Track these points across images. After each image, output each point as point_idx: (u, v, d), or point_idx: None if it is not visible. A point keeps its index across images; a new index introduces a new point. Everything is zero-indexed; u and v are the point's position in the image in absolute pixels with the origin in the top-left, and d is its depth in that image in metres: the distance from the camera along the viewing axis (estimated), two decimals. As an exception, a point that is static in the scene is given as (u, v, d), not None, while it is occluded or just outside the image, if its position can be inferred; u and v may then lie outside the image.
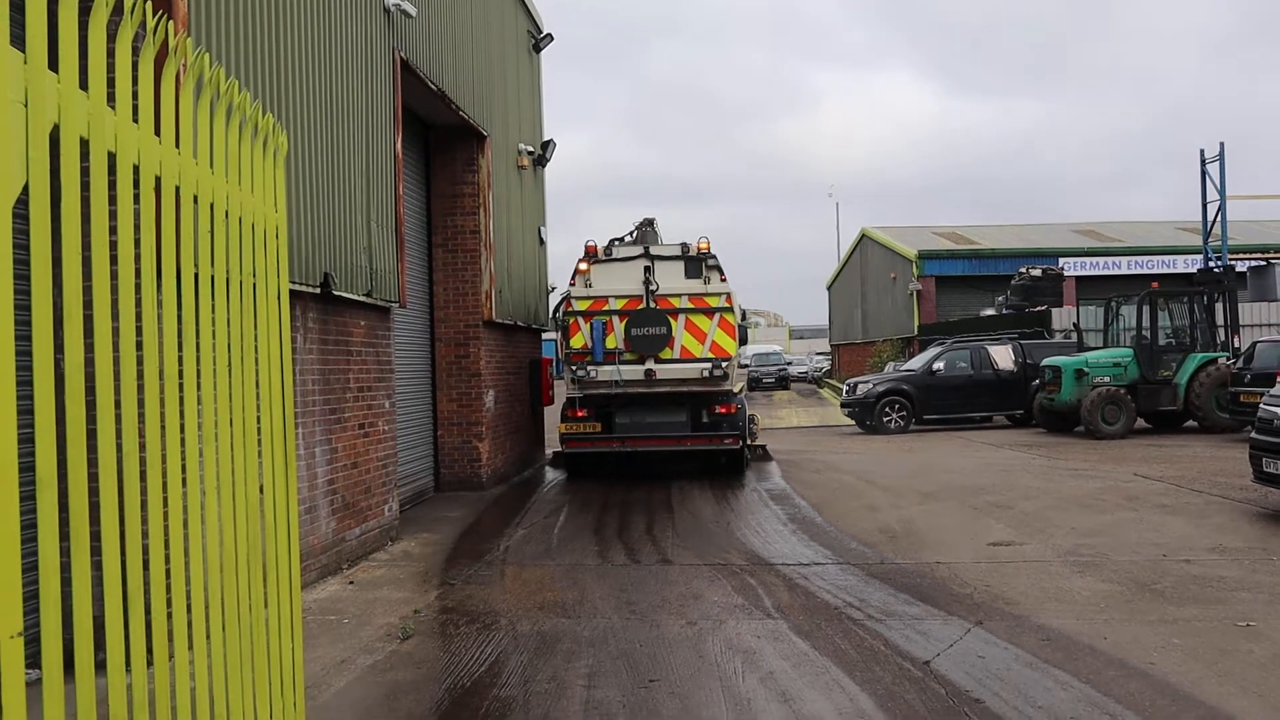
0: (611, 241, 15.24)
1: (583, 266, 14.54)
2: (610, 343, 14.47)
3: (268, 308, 4.17)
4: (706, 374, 14.36)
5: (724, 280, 14.60)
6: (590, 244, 14.87)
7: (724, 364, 14.37)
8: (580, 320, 14.42)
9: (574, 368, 14.41)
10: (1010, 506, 11.01)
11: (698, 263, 14.53)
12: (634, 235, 15.95)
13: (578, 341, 14.44)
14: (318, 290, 8.13)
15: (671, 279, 14.54)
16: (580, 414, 14.62)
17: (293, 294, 7.77)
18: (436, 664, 5.91)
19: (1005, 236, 46.53)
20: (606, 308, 14.47)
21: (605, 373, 14.41)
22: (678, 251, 14.57)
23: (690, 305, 14.45)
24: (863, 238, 51.19)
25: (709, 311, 14.46)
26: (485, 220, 13.82)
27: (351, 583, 8.09)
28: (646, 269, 14.55)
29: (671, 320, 14.38)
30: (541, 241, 17.47)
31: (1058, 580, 7.53)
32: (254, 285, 4.06)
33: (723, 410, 14.76)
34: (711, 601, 7.19)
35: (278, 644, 4.09)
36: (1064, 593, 7.15)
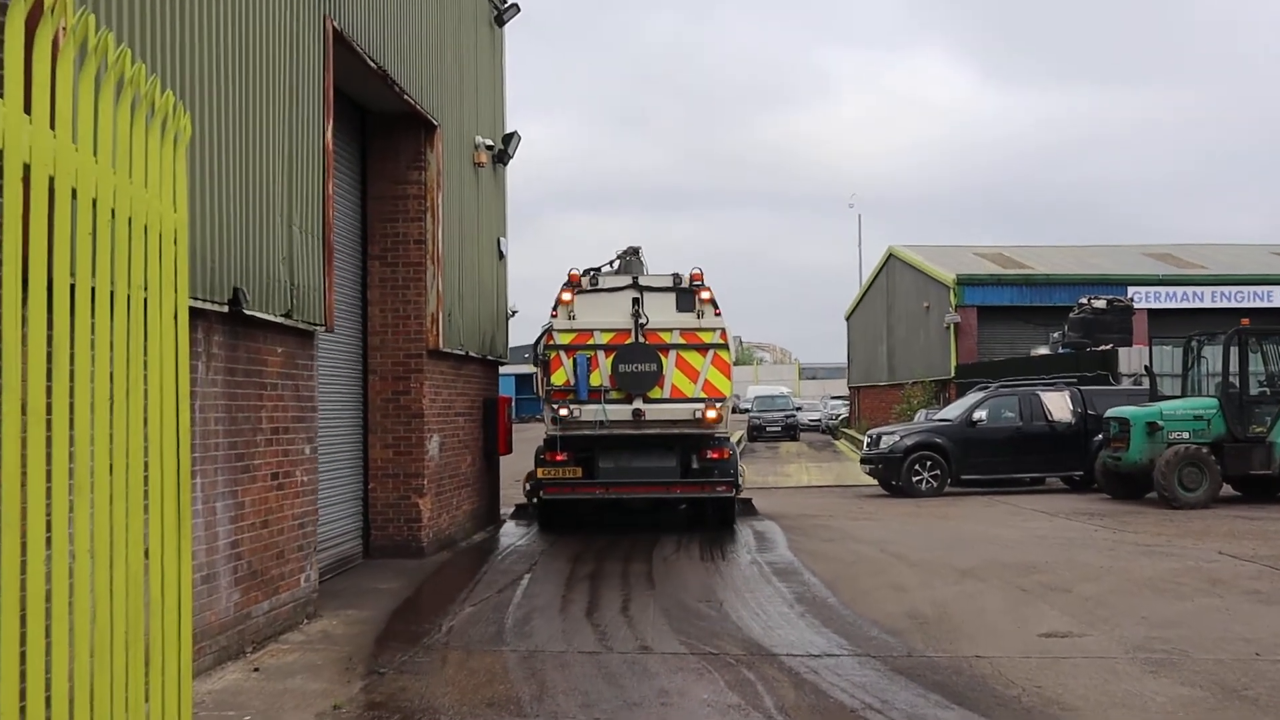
0: (588, 271, 16.18)
1: (565, 297, 15.60)
2: (595, 380, 15.54)
3: (161, 328, 4.13)
4: (699, 415, 15.46)
5: (719, 314, 15.74)
6: (574, 272, 15.94)
7: (718, 405, 15.47)
8: (562, 355, 15.50)
9: (555, 406, 15.50)
10: (1067, 589, 10.99)
11: (690, 295, 15.71)
12: (617, 265, 16.95)
13: (559, 378, 15.51)
14: (225, 308, 8.08)
15: (662, 312, 15.69)
16: (559, 457, 15.61)
17: (194, 312, 7.71)
18: (359, 773, 5.80)
19: (1062, 259, 46.90)
20: (591, 342, 15.58)
21: (589, 412, 15.49)
22: (669, 282, 15.73)
23: (682, 341, 15.61)
24: (890, 258, 51.50)
25: (702, 348, 15.61)
26: (433, 228, 13.82)
27: (257, 670, 7.97)
28: (635, 300, 15.69)
29: (662, 356, 15.53)
30: (501, 255, 17.49)
31: (1125, 682, 7.48)
32: (145, 300, 4.02)
33: (714, 455, 15.87)
34: (700, 700, 7.11)
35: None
36: (1133, 697, 7.10)
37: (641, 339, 15.68)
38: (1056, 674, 7.66)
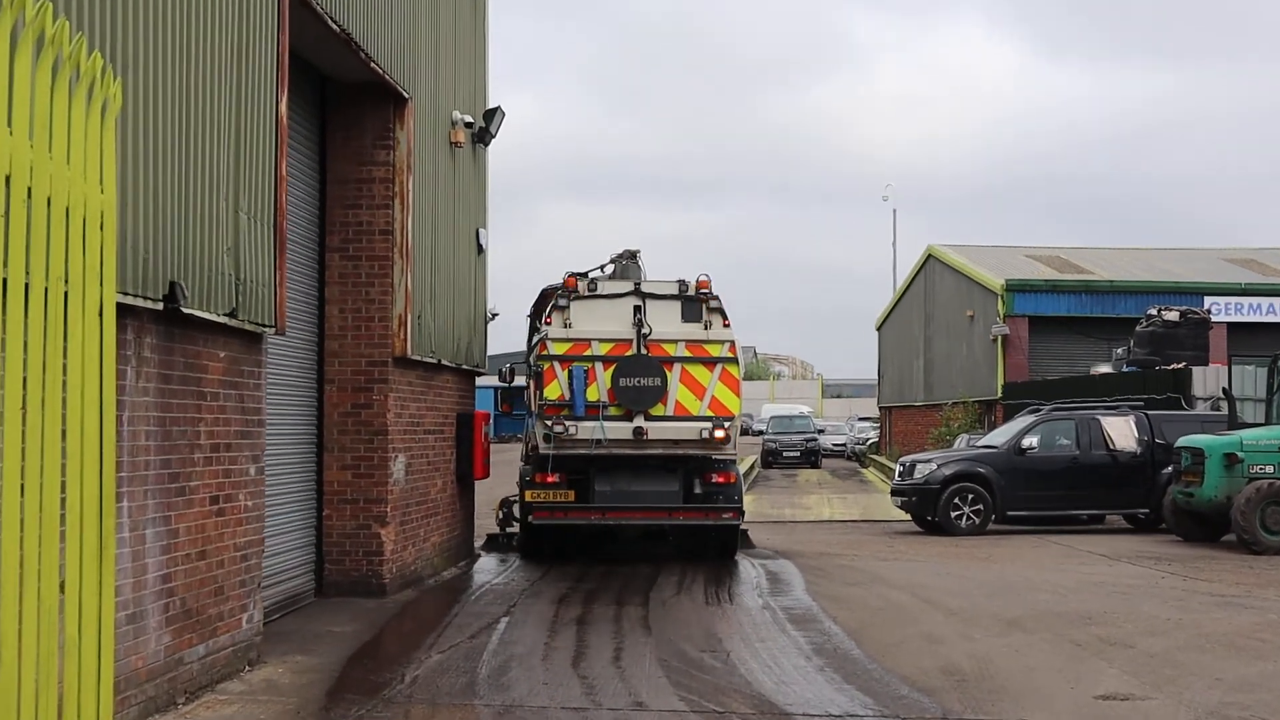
0: (573, 276, 16.76)
1: (561, 303, 16.25)
2: (592, 394, 16.10)
3: (84, 327, 4.12)
4: (706, 435, 16.08)
5: (727, 325, 16.41)
6: (570, 276, 16.62)
7: (726, 424, 16.13)
8: (557, 366, 16.10)
9: (548, 422, 16.05)
10: (1129, 644, 10.97)
11: (697, 304, 16.36)
12: (612, 269, 17.54)
13: (553, 391, 16.09)
14: (160, 306, 8.07)
15: (666, 322, 16.31)
16: (551, 479, 16.21)
17: (123, 309, 7.69)
18: (305, 846, 5.79)
19: (1128, 264, 46.97)
20: (589, 352, 16.19)
21: (586, 429, 16.04)
22: (674, 289, 16.41)
23: (688, 353, 16.23)
24: (928, 260, 51.57)
25: (709, 362, 16.24)
26: (402, 216, 13.83)
27: (189, 724, 7.94)
28: (637, 309, 16.29)
29: (666, 370, 16.14)
30: (481, 249, 17.51)
31: (1193, 751, 7.46)
32: (65, 294, 4.01)
33: (719, 479, 16.54)
34: (702, 767, 7.07)
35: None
36: (1201, 769, 7.08)
37: (644, 350, 16.18)
38: (1115, 742, 7.64)
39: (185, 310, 8.37)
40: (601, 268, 17.57)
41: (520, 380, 19.41)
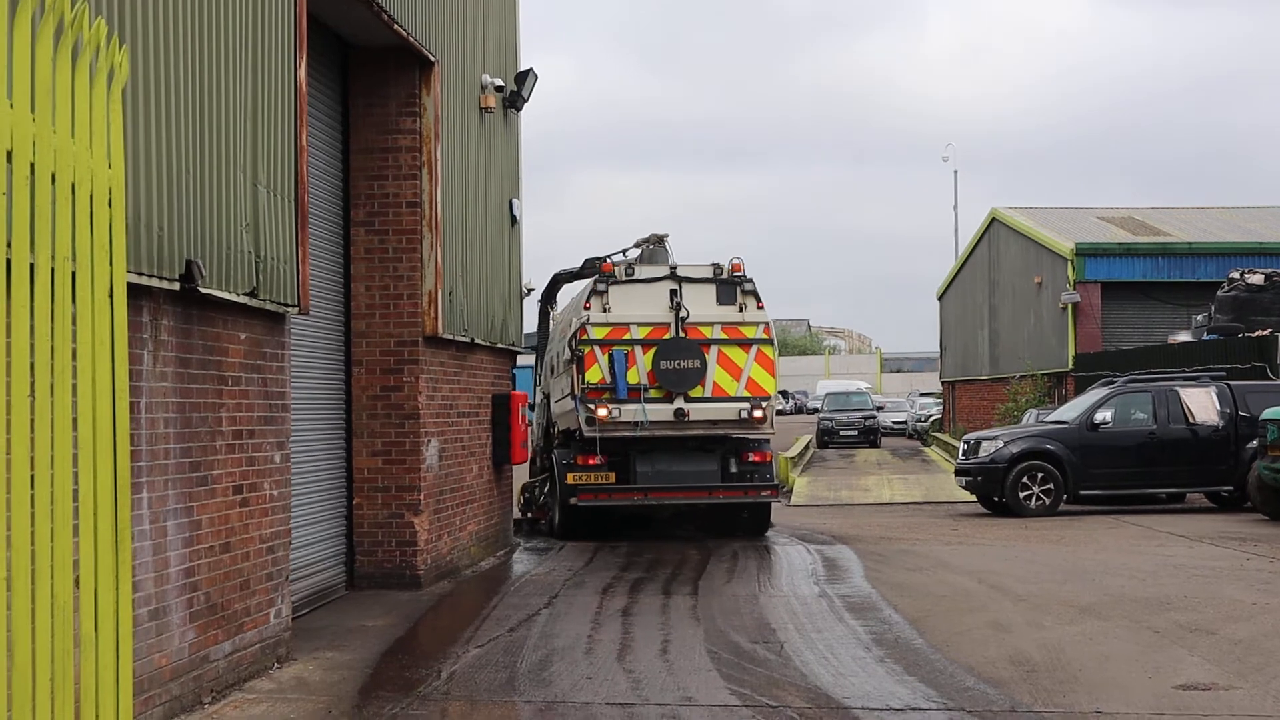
0: (596, 261, 18.59)
1: (600, 287, 17.68)
2: (633, 377, 17.48)
3: (94, 308, 4.15)
4: (745, 416, 17.56)
5: (761, 307, 17.89)
6: (607, 262, 18.26)
7: (763, 404, 17.63)
8: (597, 350, 17.48)
9: (591, 406, 17.39)
10: (1211, 631, 10.90)
11: (732, 286, 17.80)
12: (638, 254, 19.11)
13: (594, 375, 17.48)
14: (176, 286, 8.12)
15: (702, 305, 17.73)
16: (592, 461, 17.52)
17: (139, 291, 7.75)
18: None
19: (1209, 224, 46.48)
20: (628, 336, 17.60)
21: (629, 412, 17.40)
22: (709, 273, 17.87)
23: (724, 335, 17.72)
24: (992, 223, 51.20)
25: (745, 343, 17.73)
26: (430, 187, 13.86)
27: (216, 724, 8.02)
28: (673, 293, 17.69)
29: (704, 352, 17.54)
30: (514, 220, 17.53)
31: (1280, 743, 7.41)
32: (73, 274, 4.04)
33: (756, 458, 18.13)
34: (755, 764, 7.09)
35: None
36: (1289, 762, 7.03)
37: (682, 333, 17.52)
38: (1196, 734, 7.60)
39: (203, 290, 8.41)
40: (624, 252, 19.06)
41: (524, 361, 20.44)
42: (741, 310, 17.76)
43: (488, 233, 16.18)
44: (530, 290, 20.95)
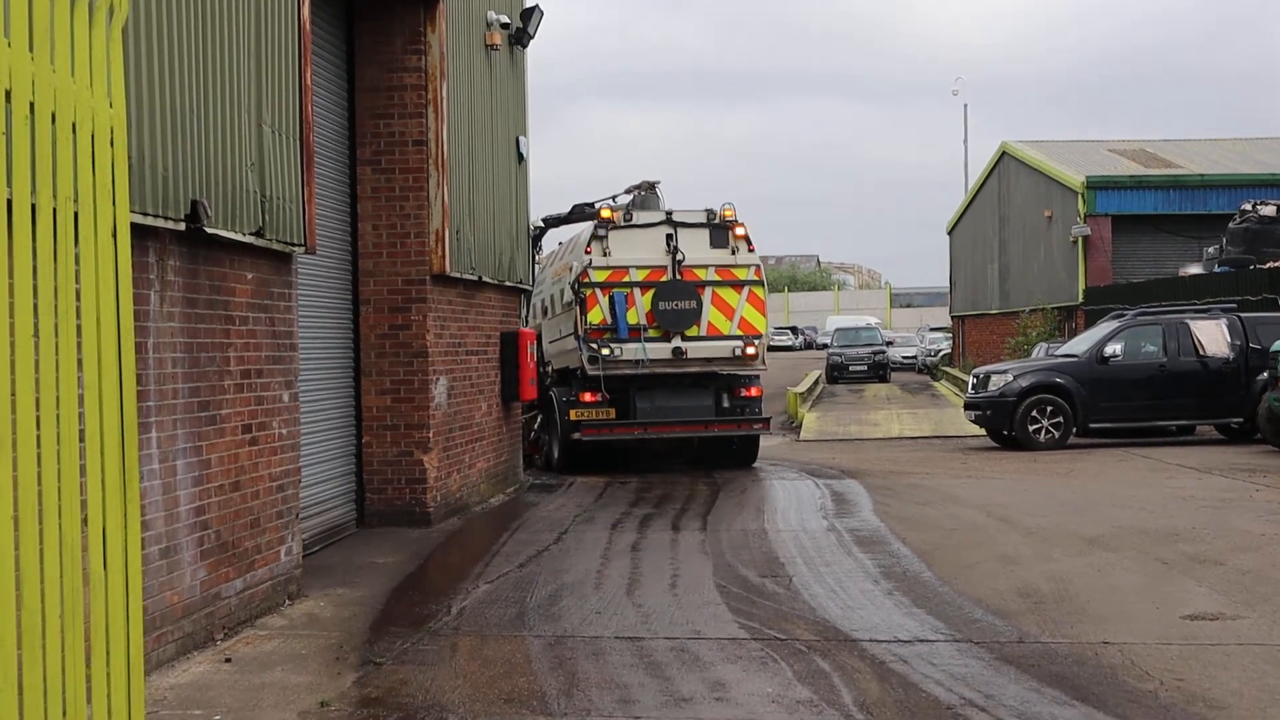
0: (586, 206, 20.17)
1: (600, 233, 18.70)
2: (632, 318, 18.54)
3: (97, 249, 4.16)
4: (739, 353, 18.77)
5: (752, 250, 19.14)
6: (606, 208, 19.46)
7: (755, 341, 18.85)
8: (598, 292, 18.54)
9: (594, 345, 18.43)
10: (1219, 562, 10.93)
11: (724, 231, 18.96)
12: (630, 199, 20.09)
13: (595, 316, 18.55)
14: (182, 226, 8.12)
15: (696, 248, 18.85)
16: (594, 398, 18.55)
17: (145, 231, 7.76)
18: (350, 784, 5.90)
19: (1221, 156, 46.19)
20: (627, 279, 18.65)
21: (630, 351, 18.49)
22: (702, 219, 19.00)
23: (717, 277, 18.84)
24: (1002, 157, 50.94)
25: (737, 284, 18.90)
26: (436, 125, 13.81)
27: (229, 660, 8.09)
28: (669, 237, 18.79)
29: (699, 294, 18.65)
30: (521, 158, 17.47)
31: (1286, 672, 7.45)
32: (75, 215, 4.04)
33: (747, 394, 19.26)
34: (762, 696, 7.16)
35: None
36: (1295, 691, 7.07)
37: (678, 276, 18.62)
38: (1203, 664, 7.63)
39: (209, 230, 8.42)
40: (614, 198, 20.22)
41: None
42: (734, 253, 18.87)
43: (494, 171, 16.13)
44: (539, 229, 21.02)
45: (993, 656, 7.95)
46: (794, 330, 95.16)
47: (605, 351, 18.33)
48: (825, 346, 64.93)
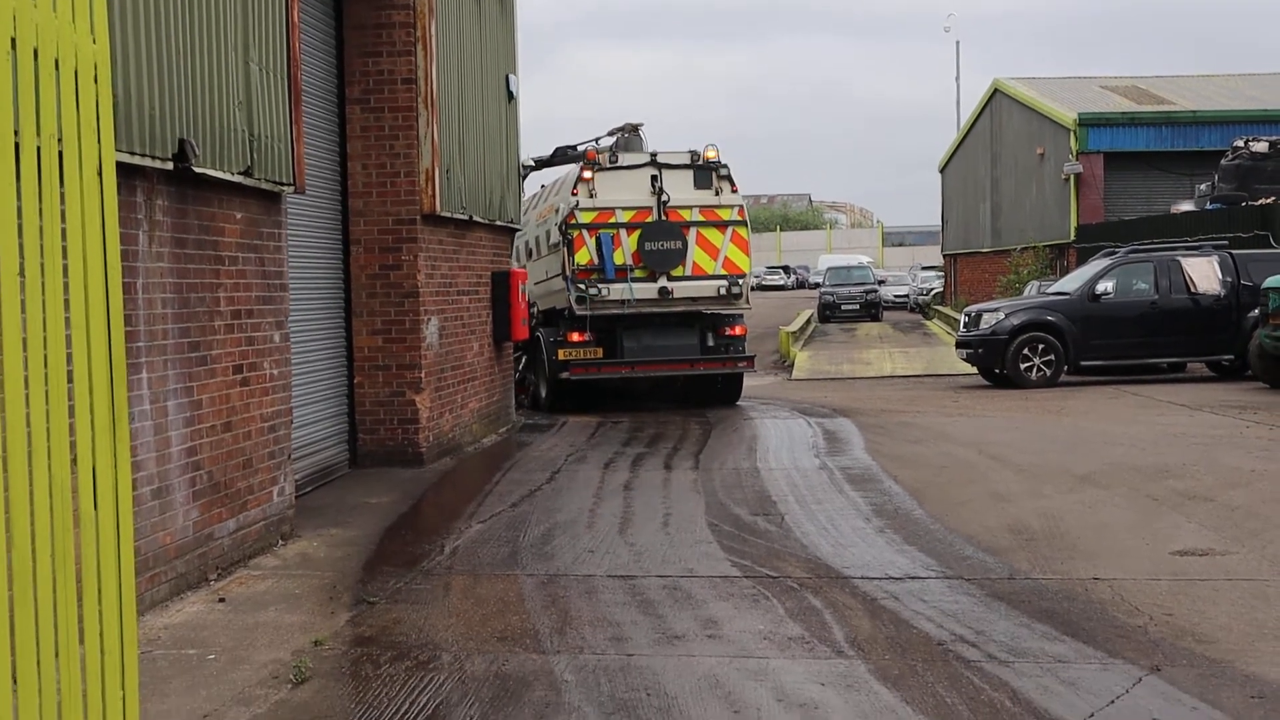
0: (565, 149, 20.36)
1: (586, 174, 18.91)
2: (619, 258, 18.79)
3: (82, 187, 4.12)
4: (723, 292, 19.10)
5: (735, 191, 19.38)
6: (591, 149, 19.61)
7: (740, 281, 19.18)
8: (585, 233, 18.80)
9: (582, 286, 18.67)
10: (1209, 498, 10.97)
11: (707, 172, 19.22)
12: (613, 142, 20.21)
13: (583, 257, 18.79)
14: (170, 165, 8.07)
15: (680, 189, 19.11)
16: (582, 337, 18.84)
17: (134, 172, 7.71)
18: (344, 721, 5.93)
19: (1213, 92, 46.02)
20: (613, 220, 18.89)
21: (617, 291, 18.77)
22: (686, 160, 19.25)
23: (702, 218, 19.17)
24: (994, 95, 50.73)
25: (721, 225, 19.24)
26: (426, 63, 13.70)
27: (222, 600, 8.11)
28: (654, 178, 19.02)
29: (684, 234, 19.00)
30: (511, 96, 17.35)
31: (1278, 608, 7.47)
32: (60, 153, 4.01)
33: (732, 332, 19.65)
34: (754, 633, 7.19)
35: (100, 696, 4.08)
36: (1284, 625, 7.11)
37: (664, 217, 18.90)
38: (1192, 599, 7.67)
39: (197, 170, 8.36)
40: (597, 140, 20.32)
41: None
42: (717, 194, 19.15)
43: (484, 109, 16.02)
44: (530, 168, 20.93)
45: (983, 593, 7.98)
46: (786, 270, 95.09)
47: (593, 292, 18.57)
48: (817, 286, 64.93)
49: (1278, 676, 6.24)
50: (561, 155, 21.41)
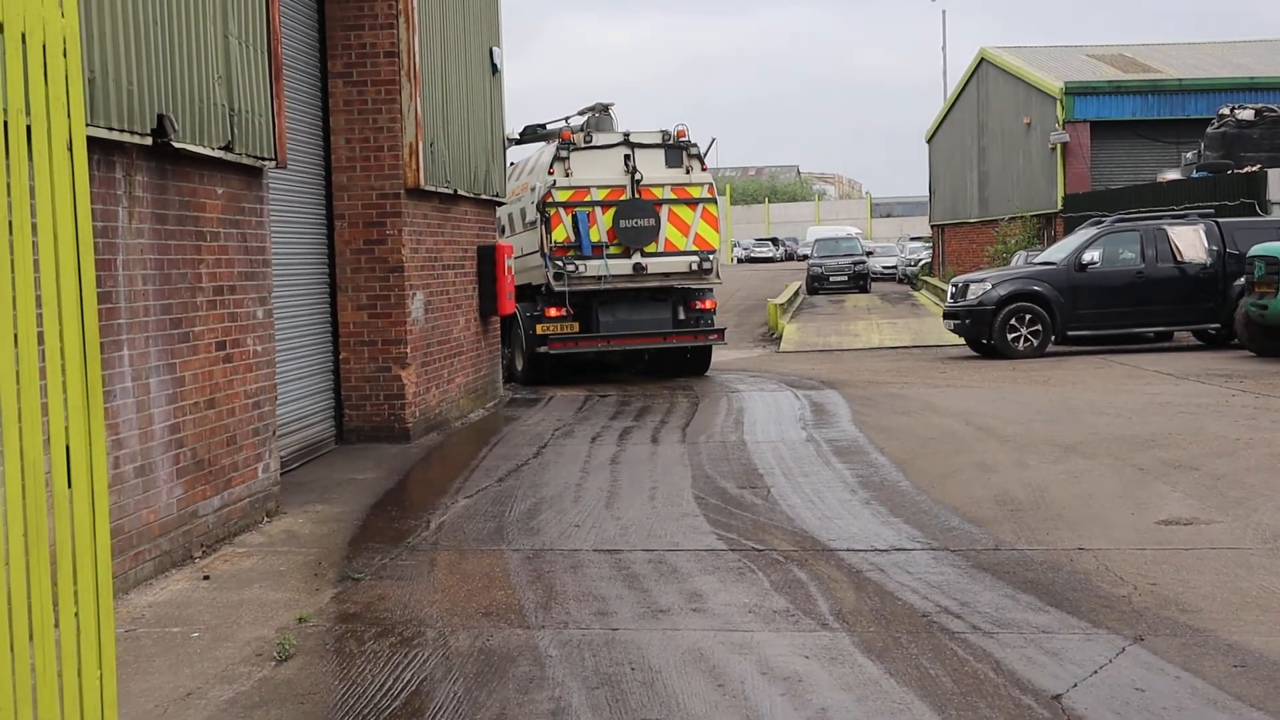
0: (537, 127, 21.39)
1: (561, 154, 19.45)
2: (594, 235, 19.44)
3: (52, 162, 4.07)
4: (694, 267, 19.85)
5: (705, 169, 20.22)
6: (566, 129, 20.32)
7: (710, 257, 19.98)
8: (561, 211, 19.35)
9: (559, 262, 19.23)
10: (1194, 467, 10.98)
11: (678, 151, 19.97)
12: (583, 121, 20.72)
13: (560, 234, 19.39)
14: (149, 141, 8.00)
15: (652, 168, 19.74)
16: (558, 313, 19.28)
17: (113, 148, 7.65)
18: (329, 698, 5.91)
19: (1200, 60, 45.98)
20: (588, 198, 19.48)
21: (593, 267, 19.35)
22: (658, 139, 19.98)
23: (673, 196, 19.84)
24: (981, 64, 50.67)
25: (692, 202, 19.93)
26: (408, 36, 13.61)
27: (207, 578, 8.09)
28: (627, 157, 19.68)
29: (658, 211, 19.65)
30: (495, 69, 17.26)
31: (1261, 577, 7.47)
32: (28, 129, 3.95)
33: (702, 306, 20.29)
34: (739, 606, 7.18)
35: (76, 676, 4.05)
36: (1271, 596, 7.11)
37: (637, 195, 19.51)
38: (1176, 569, 7.67)
39: (176, 145, 8.30)
40: (568, 119, 21.02)
41: None
42: (688, 173, 19.86)
43: (468, 82, 15.94)
44: (514, 139, 20.92)
45: (968, 564, 7.99)
46: (774, 241, 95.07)
47: (570, 268, 19.14)
48: (806, 257, 64.88)
49: (1260, 645, 6.24)
50: (531, 133, 21.89)
